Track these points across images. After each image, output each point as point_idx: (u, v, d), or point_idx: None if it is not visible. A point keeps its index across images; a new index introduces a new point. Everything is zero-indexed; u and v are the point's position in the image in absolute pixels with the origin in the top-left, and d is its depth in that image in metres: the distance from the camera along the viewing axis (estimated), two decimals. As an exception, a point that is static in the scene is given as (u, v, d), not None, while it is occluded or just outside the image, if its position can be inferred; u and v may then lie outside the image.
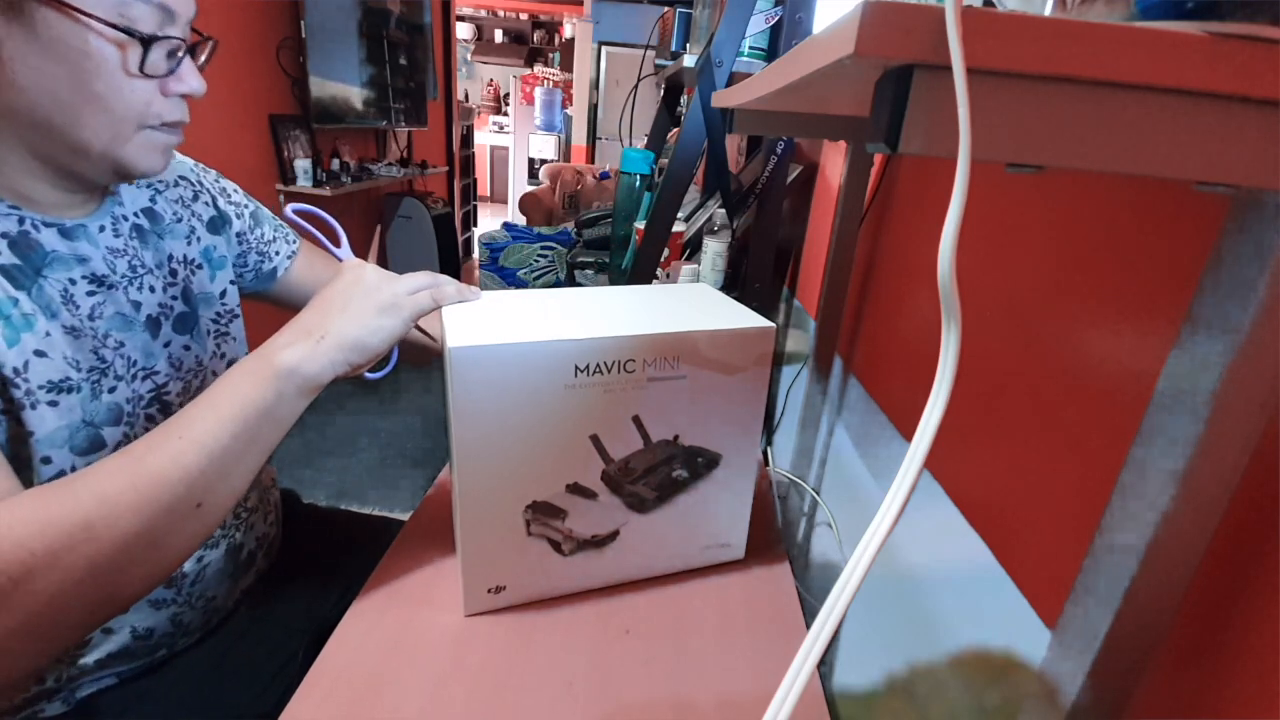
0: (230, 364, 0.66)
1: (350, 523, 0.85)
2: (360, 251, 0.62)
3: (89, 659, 0.55)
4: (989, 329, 0.61)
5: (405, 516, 0.71)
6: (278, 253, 0.77)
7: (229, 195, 0.73)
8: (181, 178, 0.69)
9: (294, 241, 0.79)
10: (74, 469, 0.51)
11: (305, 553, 0.77)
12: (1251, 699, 0.33)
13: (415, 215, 3.35)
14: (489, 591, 0.57)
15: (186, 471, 0.45)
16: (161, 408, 0.59)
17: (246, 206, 0.75)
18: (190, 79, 0.53)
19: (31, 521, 0.41)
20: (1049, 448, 0.52)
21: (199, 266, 0.67)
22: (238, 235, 0.73)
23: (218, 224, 0.70)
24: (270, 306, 0.79)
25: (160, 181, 0.66)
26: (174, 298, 0.63)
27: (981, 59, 0.23)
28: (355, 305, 0.52)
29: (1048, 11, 0.33)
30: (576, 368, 0.52)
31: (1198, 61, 0.23)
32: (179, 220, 0.66)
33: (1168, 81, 0.23)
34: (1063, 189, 0.53)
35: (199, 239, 0.67)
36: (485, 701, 0.49)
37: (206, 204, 0.70)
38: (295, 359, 0.49)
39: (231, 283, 0.71)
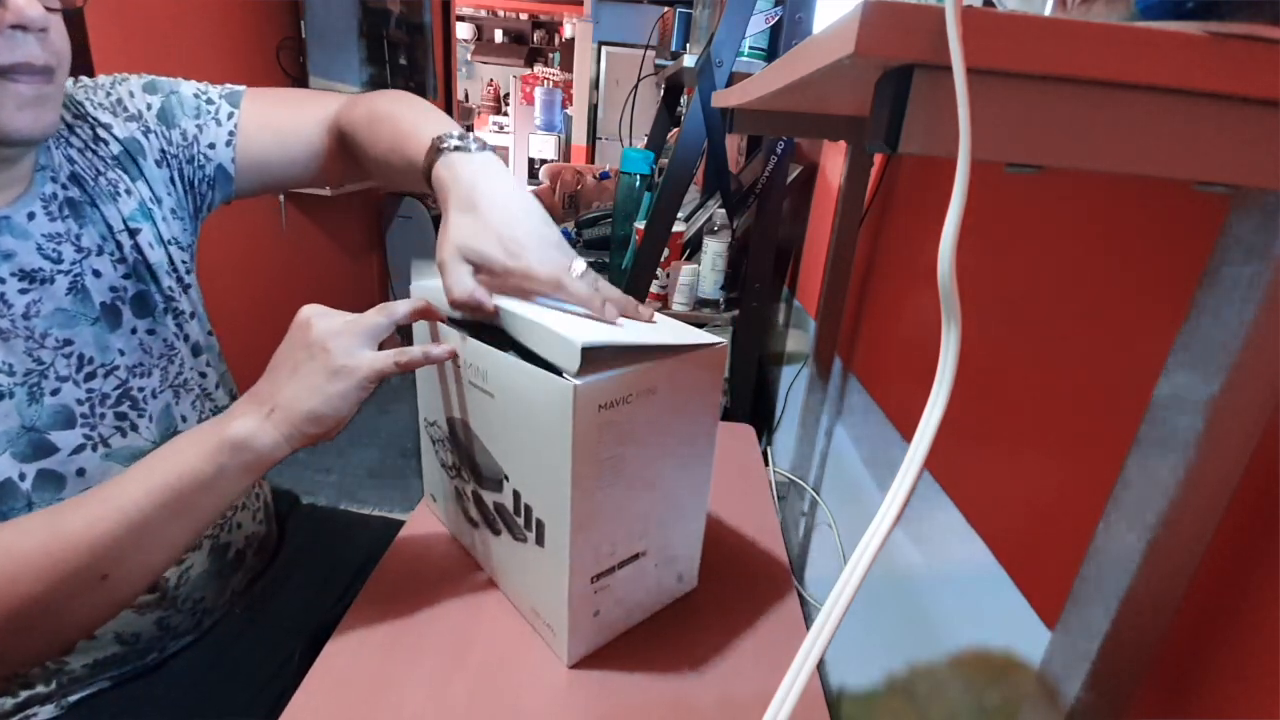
0: (194, 347, 0.62)
1: (350, 523, 0.85)
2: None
3: (75, 665, 0.54)
4: (989, 329, 0.61)
5: (405, 516, 0.71)
6: (212, 145, 0.61)
7: (125, 108, 0.58)
8: (75, 118, 0.56)
9: (230, 117, 0.61)
10: (21, 476, 0.48)
11: (304, 553, 0.76)
12: (1251, 699, 0.33)
13: (415, 215, 3.34)
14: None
15: (97, 538, 0.42)
16: (133, 404, 0.55)
17: (149, 108, 0.59)
18: (22, 7, 0.43)
19: None
20: (1049, 448, 0.52)
21: (138, 231, 0.57)
22: (158, 160, 0.59)
23: (131, 159, 0.57)
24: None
25: (60, 137, 0.55)
26: (125, 276, 0.55)
27: (981, 59, 0.23)
28: (304, 371, 0.46)
29: (1048, 11, 0.33)
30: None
31: (1198, 61, 0.23)
32: (98, 174, 0.55)
33: (1168, 81, 0.23)
34: (1063, 189, 0.53)
35: (127, 191, 0.56)
36: (486, 701, 0.49)
37: (106, 139, 0.57)
38: (246, 432, 0.45)
39: (181, 235, 0.61)
